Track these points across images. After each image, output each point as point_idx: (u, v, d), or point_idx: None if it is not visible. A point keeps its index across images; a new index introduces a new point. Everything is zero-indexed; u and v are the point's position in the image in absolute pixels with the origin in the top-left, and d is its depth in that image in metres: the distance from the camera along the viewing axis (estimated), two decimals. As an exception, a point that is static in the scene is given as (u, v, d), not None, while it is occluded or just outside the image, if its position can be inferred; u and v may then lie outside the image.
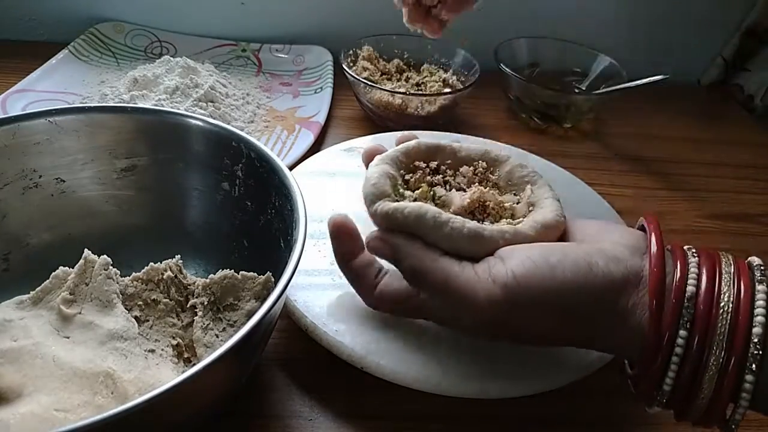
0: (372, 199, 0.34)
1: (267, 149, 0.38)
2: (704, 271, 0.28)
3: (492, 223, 0.34)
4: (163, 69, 0.64)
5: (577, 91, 0.73)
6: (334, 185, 0.50)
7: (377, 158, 0.37)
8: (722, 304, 0.26)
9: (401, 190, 0.35)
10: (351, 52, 0.69)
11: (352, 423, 0.36)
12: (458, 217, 0.32)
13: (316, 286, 0.41)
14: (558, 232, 0.33)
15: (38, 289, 0.36)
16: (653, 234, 0.30)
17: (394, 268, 0.34)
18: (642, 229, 0.33)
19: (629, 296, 0.28)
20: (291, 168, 0.53)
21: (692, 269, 0.28)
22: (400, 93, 0.63)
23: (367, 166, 0.37)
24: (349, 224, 0.35)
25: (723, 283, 0.27)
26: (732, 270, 0.28)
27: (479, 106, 0.73)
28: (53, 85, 0.64)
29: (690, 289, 0.27)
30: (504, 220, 0.35)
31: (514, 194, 0.37)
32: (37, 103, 0.61)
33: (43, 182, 0.40)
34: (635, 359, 0.29)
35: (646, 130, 0.74)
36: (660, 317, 0.27)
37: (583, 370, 0.37)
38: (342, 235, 0.35)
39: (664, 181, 0.65)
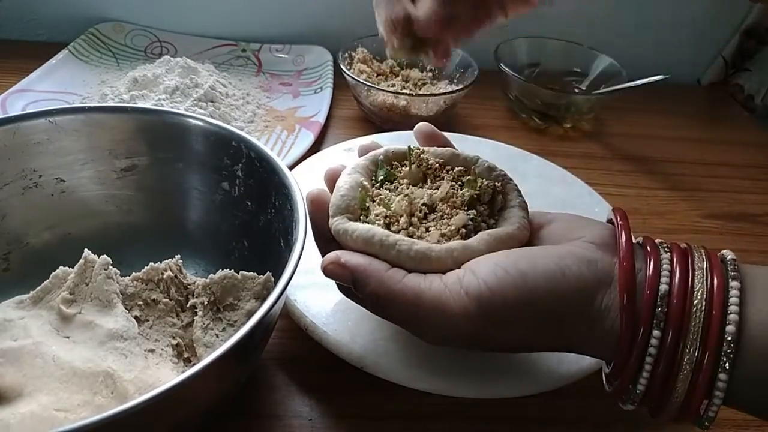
0: (333, 211, 0.33)
1: (267, 149, 0.38)
2: (677, 267, 0.27)
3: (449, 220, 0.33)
4: (163, 69, 0.64)
5: (577, 91, 0.73)
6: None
7: (349, 167, 0.35)
8: (695, 302, 0.26)
9: (368, 205, 0.34)
10: (347, 54, 0.69)
11: (352, 423, 0.36)
12: (406, 239, 0.31)
13: (316, 286, 0.41)
14: (516, 243, 0.32)
15: (38, 288, 0.36)
16: (622, 232, 0.29)
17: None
18: (612, 222, 0.32)
19: (602, 297, 0.28)
20: (291, 168, 0.53)
21: (665, 265, 0.27)
22: (403, 94, 0.63)
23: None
24: (326, 199, 0.34)
25: (696, 280, 0.27)
26: (705, 266, 0.27)
27: (479, 106, 0.74)
28: (53, 85, 0.64)
29: (663, 287, 0.27)
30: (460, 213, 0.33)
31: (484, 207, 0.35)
32: (37, 103, 0.61)
33: (43, 182, 0.40)
34: (608, 359, 0.29)
35: (646, 130, 0.74)
36: (632, 316, 0.26)
37: (583, 371, 0.37)
38: (317, 211, 0.34)
39: (664, 181, 0.65)
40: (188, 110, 0.58)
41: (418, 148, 0.37)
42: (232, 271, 0.36)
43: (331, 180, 0.36)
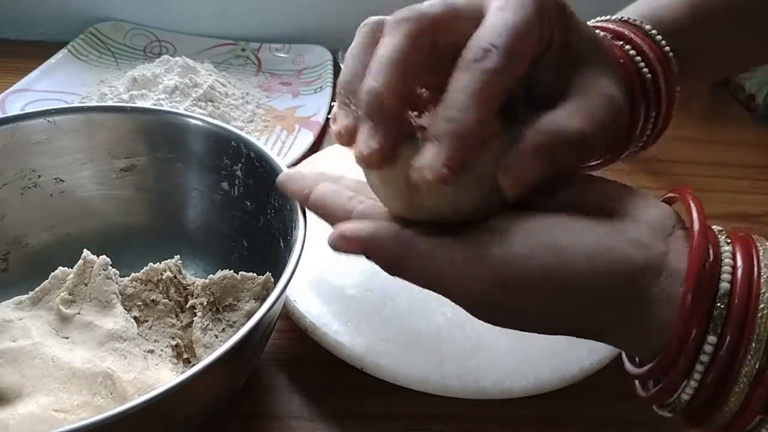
0: None
1: (266, 149, 0.38)
2: (739, 263, 0.23)
3: None
4: (162, 68, 0.64)
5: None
6: (333, 185, 0.50)
7: None
8: (761, 306, 0.22)
9: None
10: (342, 55, 0.69)
11: (352, 423, 0.36)
12: None
13: (316, 287, 0.41)
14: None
15: (37, 289, 0.36)
16: (695, 211, 0.25)
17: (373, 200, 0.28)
18: (668, 202, 0.28)
19: (650, 286, 0.24)
20: (291, 168, 0.53)
21: (726, 260, 0.23)
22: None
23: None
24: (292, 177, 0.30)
25: (762, 280, 0.23)
26: None
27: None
28: (52, 85, 0.64)
29: (724, 285, 0.23)
30: None
31: None
32: (36, 102, 0.61)
33: (42, 182, 0.40)
34: (649, 359, 0.25)
35: (646, 129, 0.74)
36: (694, 314, 0.23)
37: (584, 371, 0.37)
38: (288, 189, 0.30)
39: (664, 181, 0.64)
40: (188, 110, 0.58)
41: None
42: (232, 271, 0.36)
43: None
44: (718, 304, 0.22)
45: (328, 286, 0.41)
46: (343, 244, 0.26)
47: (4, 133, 0.38)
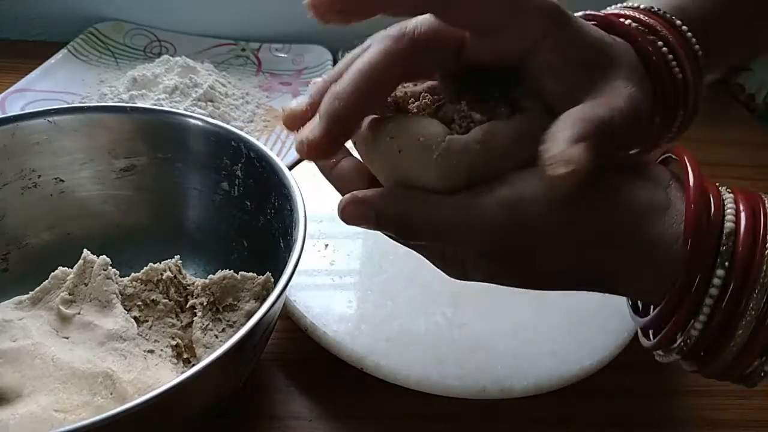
0: None
1: (266, 149, 0.38)
2: (742, 207, 0.24)
3: None
4: (162, 68, 0.64)
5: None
6: (333, 185, 0.50)
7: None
8: None
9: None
10: (346, 53, 0.69)
11: (352, 423, 0.36)
12: None
13: (316, 286, 0.41)
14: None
15: (37, 289, 0.36)
16: (688, 160, 0.26)
17: None
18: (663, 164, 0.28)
19: (655, 224, 0.24)
20: (291, 168, 0.53)
21: (729, 204, 0.24)
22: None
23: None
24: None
25: None
26: None
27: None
28: (52, 85, 0.64)
29: (728, 225, 0.23)
30: None
31: None
32: (36, 102, 0.61)
33: (42, 182, 0.40)
34: (659, 300, 0.25)
35: (646, 129, 0.74)
36: (698, 250, 0.23)
37: (584, 371, 0.37)
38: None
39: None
40: (187, 110, 0.58)
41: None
42: (232, 271, 0.36)
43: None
44: (725, 242, 0.23)
45: (328, 285, 0.41)
46: (353, 207, 0.26)
47: (4, 133, 0.38)
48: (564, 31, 0.25)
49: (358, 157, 0.28)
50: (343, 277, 0.42)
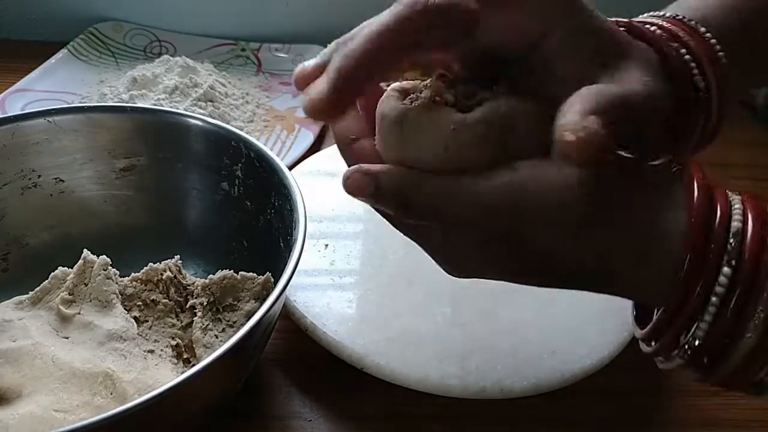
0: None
1: (266, 149, 0.38)
2: (749, 207, 0.23)
3: None
4: (162, 68, 0.64)
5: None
6: (334, 185, 0.50)
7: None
8: None
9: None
10: None
11: (352, 423, 0.36)
12: None
13: (316, 286, 0.41)
14: None
15: (37, 289, 0.36)
16: (692, 162, 0.25)
17: None
18: None
19: (661, 221, 0.24)
20: (291, 168, 0.53)
21: (736, 205, 0.23)
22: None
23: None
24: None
25: None
26: None
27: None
28: (52, 85, 0.64)
29: (735, 224, 0.23)
30: None
31: None
32: (36, 102, 0.61)
33: (42, 182, 0.40)
34: (659, 302, 0.24)
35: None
36: (704, 245, 0.22)
37: (584, 370, 0.37)
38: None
39: (664, 180, 0.64)
40: (187, 110, 0.58)
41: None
42: (232, 271, 0.36)
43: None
44: (732, 241, 0.22)
45: (328, 285, 0.41)
46: (359, 176, 0.26)
47: (4, 133, 0.38)
48: (582, 15, 0.25)
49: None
50: (343, 277, 0.42)
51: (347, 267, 0.43)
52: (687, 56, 0.28)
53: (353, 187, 0.26)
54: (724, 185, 0.25)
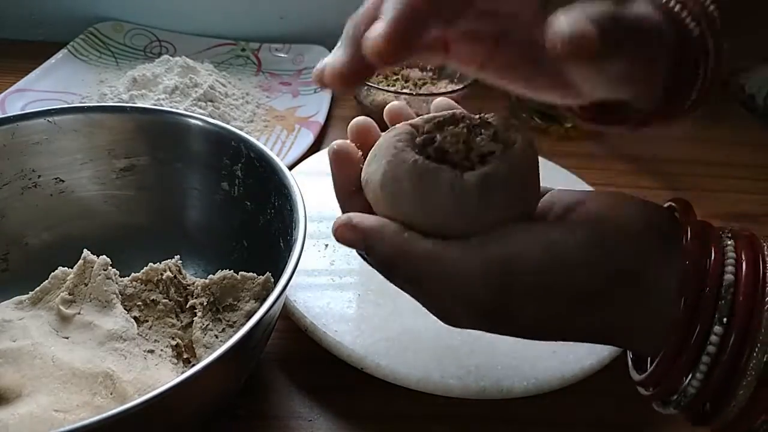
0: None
1: (266, 149, 0.38)
2: (743, 255, 0.23)
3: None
4: (162, 68, 0.64)
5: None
6: (333, 185, 0.50)
7: (390, 135, 0.30)
8: None
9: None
10: None
11: (352, 423, 0.36)
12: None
13: (316, 286, 0.41)
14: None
15: (37, 289, 0.36)
16: (688, 210, 0.25)
17: None
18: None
19: (653, 276, 0.24)
20: (291, 168, 0.53)
21: (729, 253, 0.23)
22: (403, 94, 0.63)
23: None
24: (352, 152, 0.30)
25: None
26: None
27: (479, 106, 0.73)
28: (52, 85, 0.64)
29: (728, 276, 0.22)
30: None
31: None
32: (36, 102, 0.61)
33: (42, 182, 0.40)
34: (654, 352, 0.25)
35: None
36: (697, 303, 0.22)
37: (584, 371, 0.37)
38: (342, 165, 0.30)
39: (664, 181, 0.64)
40: (187, 110, 0.58)
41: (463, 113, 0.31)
42: (232, 271, 0.36)
43: (359, 135, 0.32)
44: (724, 295, 0.22)
45: (328, 285, 0.41)
46: (346, 231, 0.26)
47: (4, 133, 0.38)
48: None
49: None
50: (343, 277, 0.42)
51: (347, 267, 0.43)
52: (679, 7, 0.27)
53: (342, 239, 0.27)
54: (720, 224, 0.25)
